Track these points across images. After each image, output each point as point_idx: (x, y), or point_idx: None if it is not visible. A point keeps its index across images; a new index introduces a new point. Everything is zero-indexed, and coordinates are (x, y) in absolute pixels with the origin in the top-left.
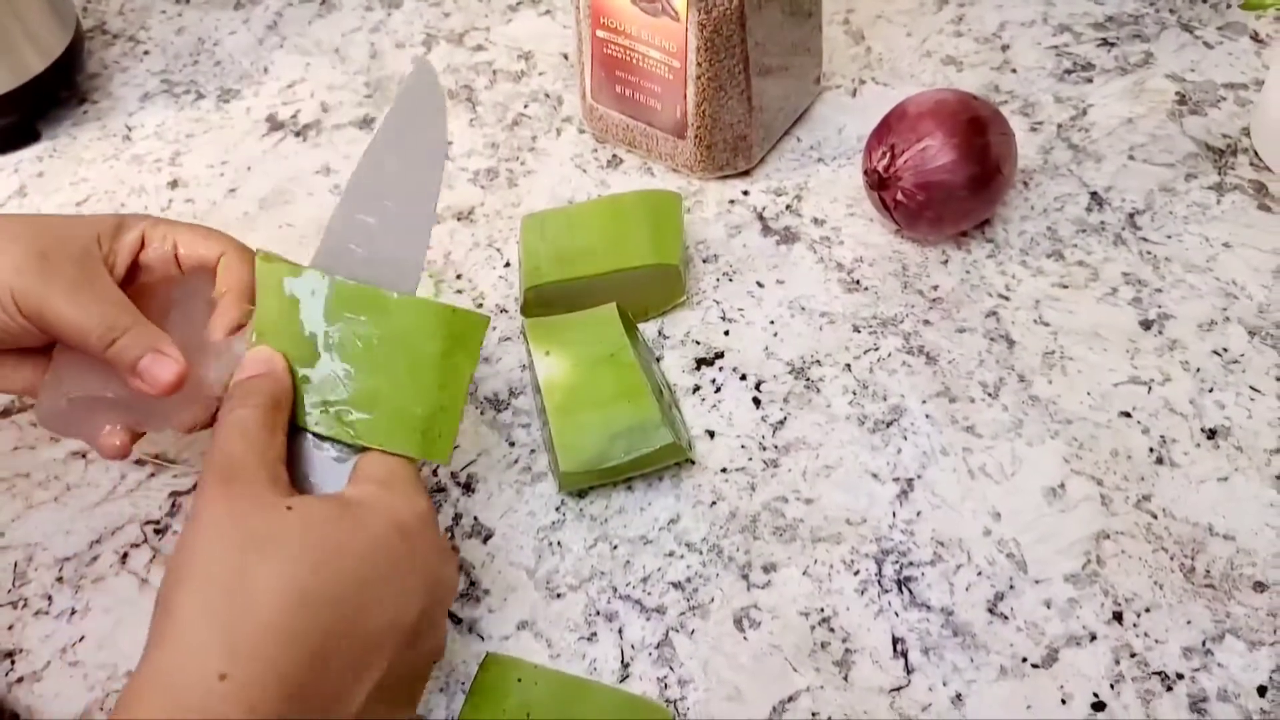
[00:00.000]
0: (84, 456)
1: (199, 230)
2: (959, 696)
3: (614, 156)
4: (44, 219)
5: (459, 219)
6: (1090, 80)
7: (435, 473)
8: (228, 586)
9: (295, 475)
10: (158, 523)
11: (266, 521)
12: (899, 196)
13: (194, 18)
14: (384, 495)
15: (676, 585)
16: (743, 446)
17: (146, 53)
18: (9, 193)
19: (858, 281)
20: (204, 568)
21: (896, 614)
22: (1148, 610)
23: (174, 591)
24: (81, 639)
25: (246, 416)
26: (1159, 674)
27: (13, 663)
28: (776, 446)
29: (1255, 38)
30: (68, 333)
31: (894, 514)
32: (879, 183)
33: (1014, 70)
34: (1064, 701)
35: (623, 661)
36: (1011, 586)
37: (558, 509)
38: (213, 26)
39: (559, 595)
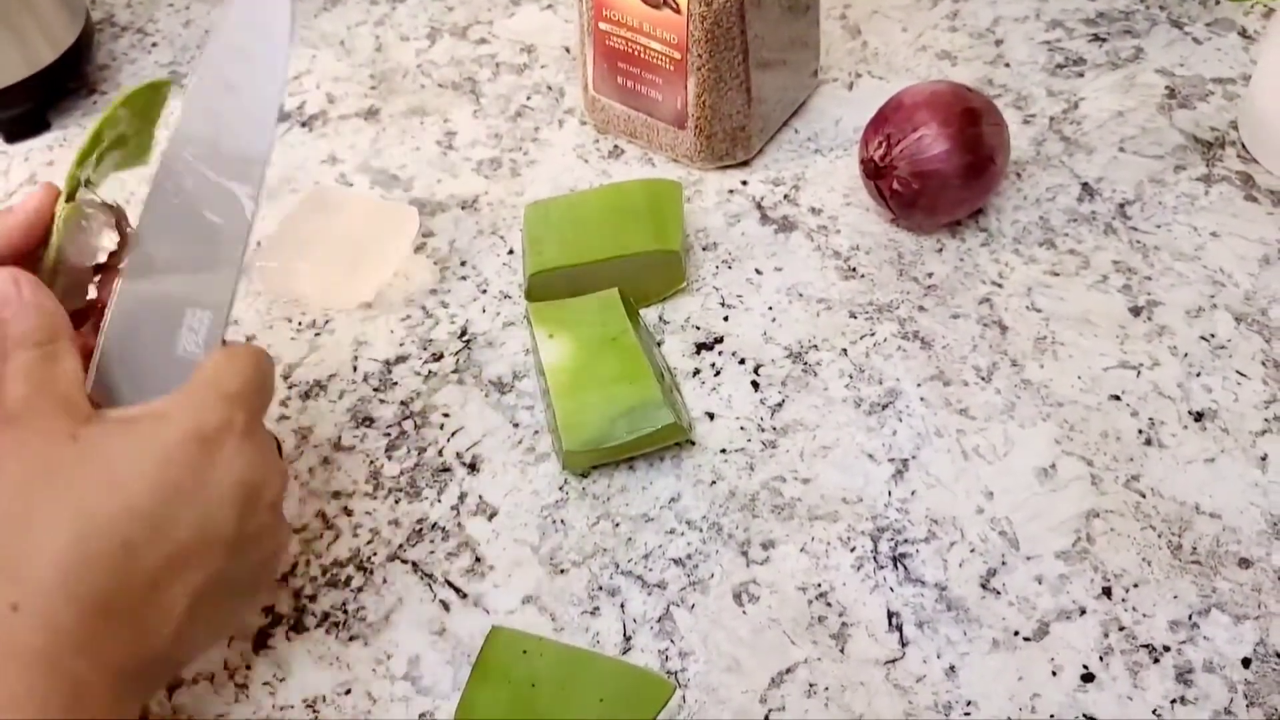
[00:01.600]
0: None
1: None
2: (952, 668)
3: (615, 147)
4: None
5: (463, 207)
6: (1082, 74)
7: (440, 453)
8: (12, 524)
9: (117, 384)
10: None
11: (50, 454)
12: (894, 185)
13: (201, 10)
14: (183, 405)
15: (677, 561)
16: (742, 428)
17: (154, 45)
18: (20, 181)
19: (854, 269)
20: None
21: (892, 589)
22: (1136, 586)
23: None
24: None
25: (24, 360)
26: (1147, 646)
27: None
28: (775, 428)
29: (1243, 33)
30: None
31: (889, 493)
32: (875, 172)
33: (1007, 64)
34: (1054, 673)
35: (625, 635)
36: (1004, 563)
37: (561, 488)
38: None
39: (563, 571)
